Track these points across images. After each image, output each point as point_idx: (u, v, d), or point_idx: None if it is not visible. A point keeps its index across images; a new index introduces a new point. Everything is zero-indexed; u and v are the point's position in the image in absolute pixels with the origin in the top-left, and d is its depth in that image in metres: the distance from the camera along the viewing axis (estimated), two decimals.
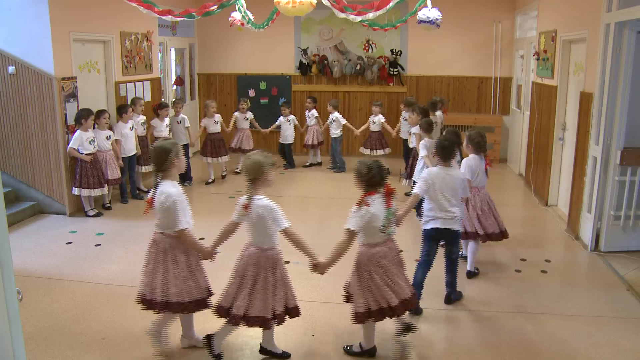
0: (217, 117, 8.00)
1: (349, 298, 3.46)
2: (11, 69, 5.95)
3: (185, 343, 3.59)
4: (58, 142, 6.09)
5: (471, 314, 4.05)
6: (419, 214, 5.89)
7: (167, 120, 7.40)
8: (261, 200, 3.21)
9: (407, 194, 7.07)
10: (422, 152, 5.91)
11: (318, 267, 3.33)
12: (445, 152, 4.04)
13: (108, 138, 6.47)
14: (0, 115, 6.16)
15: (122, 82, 7.29)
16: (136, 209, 6.70)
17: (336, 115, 8.53)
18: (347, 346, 3.57)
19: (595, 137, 5.22)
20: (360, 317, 3.30)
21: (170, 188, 3.23)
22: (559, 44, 6.43)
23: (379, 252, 3.29)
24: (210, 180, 8.01)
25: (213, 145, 7.94)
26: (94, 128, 6.34)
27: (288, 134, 8.71)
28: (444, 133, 5.18)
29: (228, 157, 8.10)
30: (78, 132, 6.07)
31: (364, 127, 8.54)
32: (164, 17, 5.03)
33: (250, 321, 3.22)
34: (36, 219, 6.23)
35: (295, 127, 8.83)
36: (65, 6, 6.09)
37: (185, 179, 7.80)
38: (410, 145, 7.15)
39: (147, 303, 3.32)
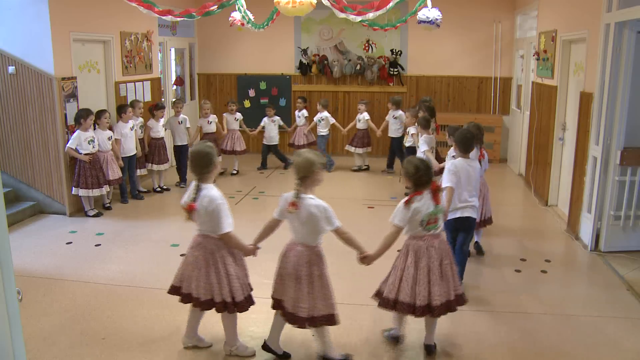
0: (212, 117, 8.00)
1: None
2: (11, 69, 5.94)
3: (187, 343, 3.58)
4: (58, 142, 6.08)
5: (471, 313, 4.04)
6: None
7: (162, 121, 7.40)
8: (313, 199, 3.20)
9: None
10: (422, 147, 6.05)
11: (366, 259, 3.37)
12: (467, 144, 4.23)
13: (109, 138, 6.48)
14: (0, 115, 6.16)
15: (122, 82, 7.29)
16: (136, 209, 6.70)
17: (325, 114, 8.62)
18: (388, 329, 3.67)
19: (595, 137, 5.22)
20: (377, 295, 3.50)
21: (212, 191, 3.23)
22: (559, 44, 6.43)
23: (414, 244, 3.36)
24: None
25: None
26: (94, 129, 6.35)
27: (273, 135, 8.69)
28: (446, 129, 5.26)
29: (220, 158, 8.07)
30: (77, 132, 6.06)
31: (350, 125, 8.74)
32: (164, 17, 5.03)
33: (315, 321, 3.23)
34: (36, 219, 6.22)
35: (281, 127, 8.82)
36: (65, 6, 6.09)
37: (180, 179, 7.83)
38: (407, 144, 7.27)
39: (205, 304, 3.31)
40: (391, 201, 7.03)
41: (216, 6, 4.98)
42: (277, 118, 8.74)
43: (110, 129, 6.63)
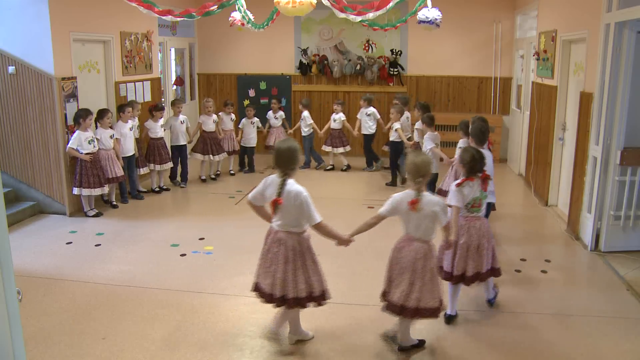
0: (215, 117, 8.02)
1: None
2: (11, 69, 5.94)
3: (292, 340, 3.62)
4: (58, 142, 6.09)
5: (470, 313, 4.05)
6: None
7: (161, 122, 7.41)
8: (432, 196, 3.37)
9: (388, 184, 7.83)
10: (428, 145, 6.21)
11: (448, 245, 3.61)
12: (483, 136, 4.65)
13: (112, 137, 6.49)
14: (0, 115, 6.16)
15: (122, 82, 7.29)
16: (136, 209, 6.70)
17: (305, 114, 8.68)
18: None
19: (595, 137, 5.22)
20: (440, 273, 3.76)
21: (296, 186, 3.33)
22: (559, 44, 6.43)
23: (461, 223, 3.80)
24: (203, 178, 8.07)
25: (206, 143, 7.95)
26: (96, 128, 6.36)
27: (251, 137, 8.62)
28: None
29: (222, 156, 8.13)
30: (77, 132, 6.07)
31: (326, 126, 8.78)
32: (164, 17, 5.03)
33: (422, 313, 3.32)
34: (36, 219, 6.22)
35: (258, 129, 8.77)
36: (65, 6, 6.09)
37: (181, 179, 7.85)
38: (392, 139, 7.63)
39: (278, 301, 3.37)
40: None
41: (216, 6, 4.98)
42: (256, 120, 8.67)
43: (111, 128, 6.63)
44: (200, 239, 5.60)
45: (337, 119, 8.62)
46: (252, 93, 10.07)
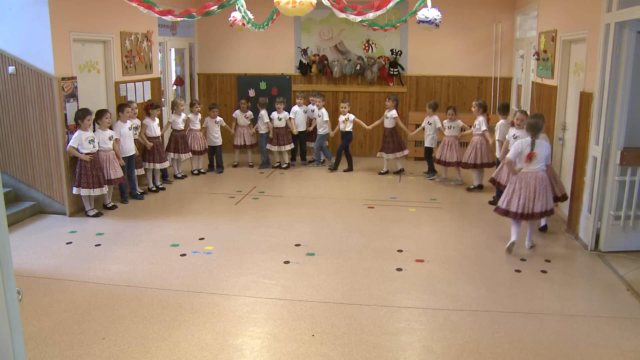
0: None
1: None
2: (11, 69, 5.95)
3: (529, 245, 5.31)
4: (58, 142, 6.09)
5: (471, 313, 4.05)
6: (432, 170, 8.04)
7: (157, 120, 7.43)
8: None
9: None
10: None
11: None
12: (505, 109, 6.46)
13: (110, 138, 6.49)
14: (0, 115, 6.17)
15: (122, 82, 7.29)
16: (136, 209, 6.70)
17: (263, 112, 8.85)
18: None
19: (595, 137, 5.22)
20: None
21: (543, 142, 5.16)
22: (559, 44, 6.43)
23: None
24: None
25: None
26: (94, 130, 6.35)
27: (217, 137, 8.65)
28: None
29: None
30: (78, 131, 6.08)
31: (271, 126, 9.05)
32: (164, 17, 5.03)
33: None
34: (36, 219, 6.23)
35: (222, 128, 8.80)
36: (65, 6, 6.09)
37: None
38: (348, 129, 8.52)
39: (540, 215, 5.17)
40: (391, 201, 7.03)
41: (216, 6, 4.98)
42: (219, 119, 8.71)
43: (111, 128, 6.63)
44: (200, 239, 5.61)
45: (282, 117, 8.83)
46: (252, 93, 10.07)
